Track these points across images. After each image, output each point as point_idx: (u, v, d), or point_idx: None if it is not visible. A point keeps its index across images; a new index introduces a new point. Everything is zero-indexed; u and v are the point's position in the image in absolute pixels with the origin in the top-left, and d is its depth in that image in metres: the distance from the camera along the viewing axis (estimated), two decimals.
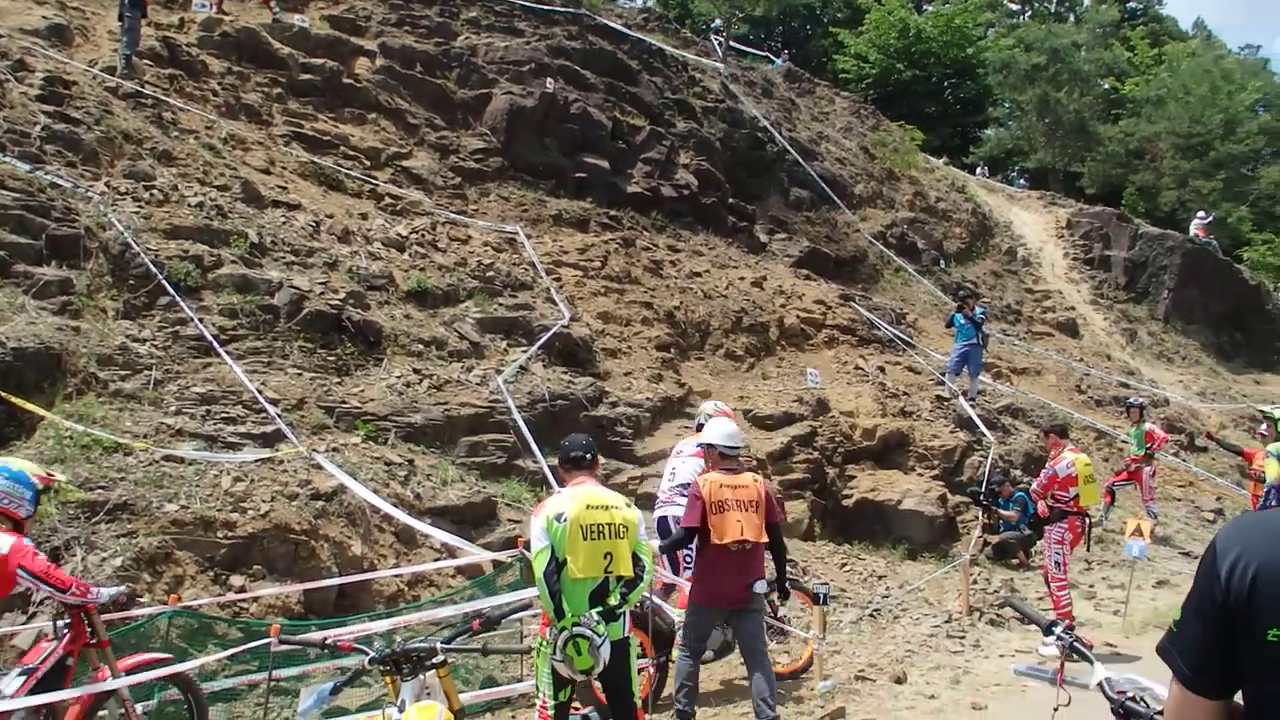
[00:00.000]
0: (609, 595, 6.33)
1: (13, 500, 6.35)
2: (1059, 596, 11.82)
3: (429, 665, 4.71)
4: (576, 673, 6.04)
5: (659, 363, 16.29)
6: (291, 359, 11.96)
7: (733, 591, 8.15)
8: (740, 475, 8.42)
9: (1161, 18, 65.31)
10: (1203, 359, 31.86)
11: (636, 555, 6.55)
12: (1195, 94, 48.31)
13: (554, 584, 6.15)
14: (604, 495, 6.65)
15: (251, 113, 16.88)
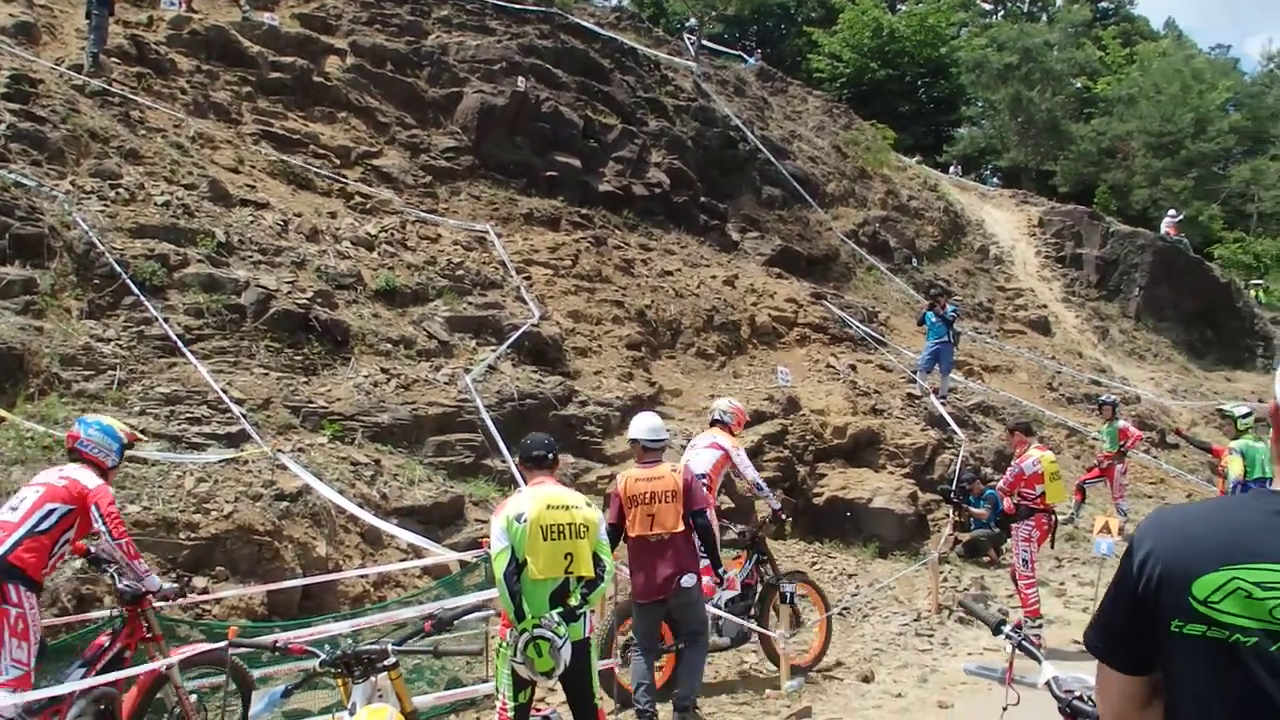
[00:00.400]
0: (570, 596, 6.32)
1: (102, 450, 7.12)
2: (1027, 594, 11.85)
3: (380, 667, 4.68)
4: (537, 674, 6.03)
5: (629, 361, 16.27)
6: (258, 359, 11.89)
7: (659, 582, 8.29)
8: (658, 467, 8.53)
9: (1133, 17, 65.73)
10: (1174, 356, 32.04)
11: (597, 555, 6.54)
12: (1166, 93, 48.65)
13: (514, 585, 6.13)
14: (564, 495, 6.64)
15: (220, 111, 16.78)
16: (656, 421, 8.95)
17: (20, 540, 6.49)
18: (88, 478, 6.87)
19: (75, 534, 6.85)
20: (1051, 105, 49.00)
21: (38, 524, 6.58)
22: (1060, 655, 11.62)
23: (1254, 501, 2.33)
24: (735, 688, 9.93)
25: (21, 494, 6.84)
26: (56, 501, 6.69)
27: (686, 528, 8.39)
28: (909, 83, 51.69)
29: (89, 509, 6.73)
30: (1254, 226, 51.57)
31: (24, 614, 6.39)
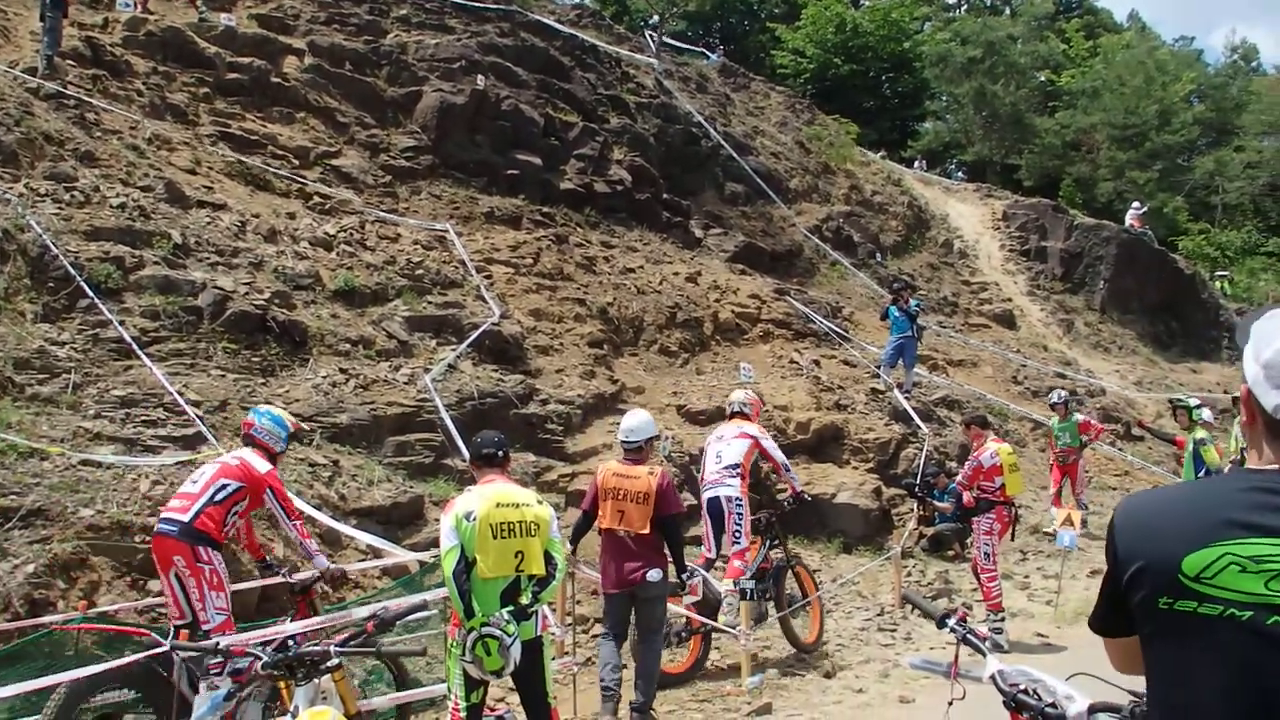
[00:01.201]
0: (520, 594, 6.29)
1: (271, 437, 8.19)
2: (989, 588, 11.90)
3: (323, 669, 4.65)
4: (486, 674, 6.00)
5: (591, 359, 16.26)
6: (215, 360, 11.82)
7: (623, 575, 8.44)
8: (636, 467, 8.62)
9: (1096, 10, 66.07)
10: (1139, 348, 32.21)
11: (550, 553, 6.52)
12: (1130, 85, 48.92)
13: (463, 583, 6.11)
14: (515, 493, 6.61)
15: (177, 113, 16.67)
16: (636, 421, 8.97)
17: (202, 508, 7.55)
18: (259, 462, 7.94)
19: (244, 509, 7.93)
20: (1015, 99, 49.25)
21: (214, 495, 7.63)
22: (1023, 648, 11.69)
23: (1232, 481, 2.37)
24: (696, 685, 9.92)
25: (201, 470, 7.98)
26: (229, 478, 7.74)
27: (655, 529, 8.46)
28: (873, 78, 51.83)
29: (262, 490, 7.85)
30: (1218, 218, 51.95)
31: (216, 569, 7.47)
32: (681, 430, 15.45)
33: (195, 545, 7.43)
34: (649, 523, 8.42)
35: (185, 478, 9.47)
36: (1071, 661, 11.01)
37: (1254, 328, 2.35)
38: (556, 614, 9.69)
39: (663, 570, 8.49)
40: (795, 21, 52.13)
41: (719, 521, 10.64)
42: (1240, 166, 50.39)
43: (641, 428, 8.87)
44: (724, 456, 10.81)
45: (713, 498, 10.70)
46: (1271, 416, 2.27)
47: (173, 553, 7.45)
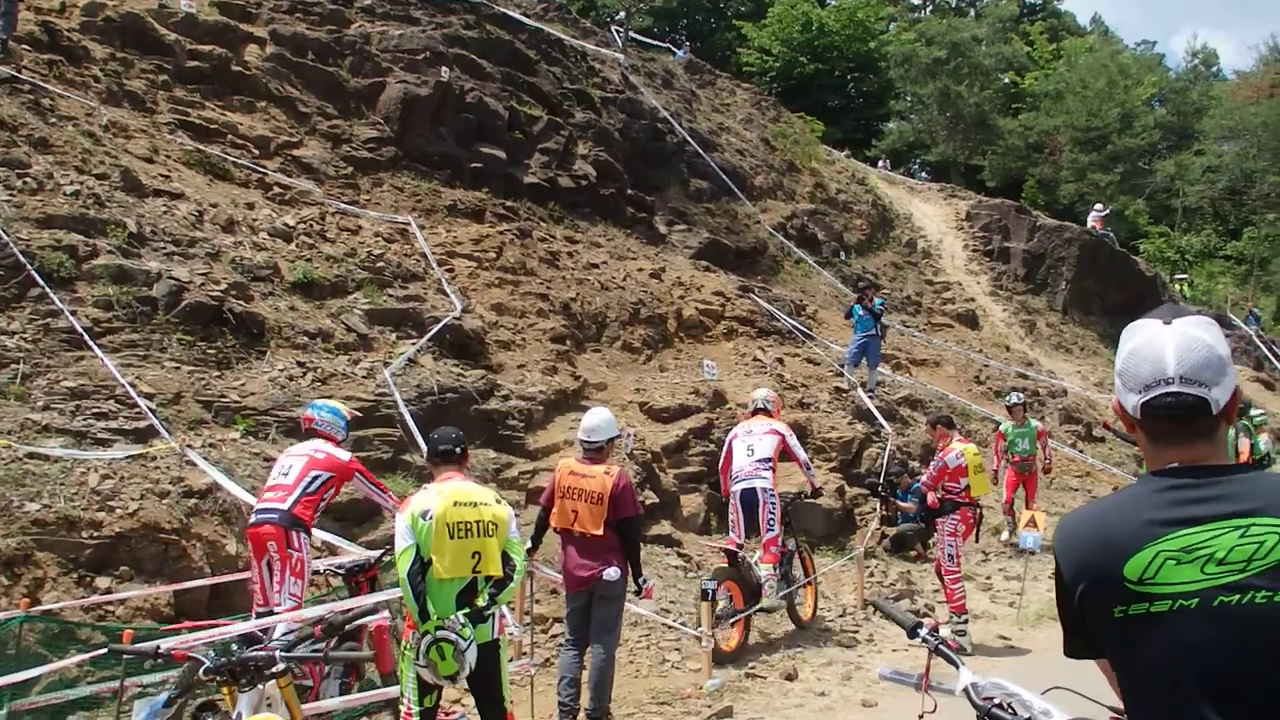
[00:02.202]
0: (477, 596, 6.14)
1: (333, 428, 8.70)
2: (953, 590, 11.84)
3: (268, 675, 4.49)
4: (440, 678, 5.85)
5: (554, 355, 16.11)
6: (169, 352, 11.57)
7: (579, 575, 8.32)
8: (593, 466, 8.46)
9: (1060, 13, 66.54)
10: (1100, 349, 32.35)
11: (508, 554, 6.37)
12: (1093, 88, 49.28)
13: (418, 585, 5.95)
14: (473, 491, 6.44)
15: (135, 100, 16.34)
16: (597, 420, 8.78)
17: (299, 498, 8.04)
18: (339, 451, 8.50)
19: (331, 495, 8.43)
20: (979, 100, 49.50)
21: (308, 486, 8.12)
22: (986, 651, 11.64)
23: (1144, 485, 2.48)
24: (656, 687, 9.80)
25: (285, 463, 8.34)
26: (319, 469, 8.22)
27: (610, 531, 8.31)
28: (838, 77, 51.99)
29: (350, 476, 8.44)
30: (1179, 221, 52.36)
31: (302, 557, 7.93)
32: (644, 428, 15.34)
33: (291, 530, 7.88)
34: (602, 524, 8.27)
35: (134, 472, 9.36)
36: (1035, 664, 11.04)
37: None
38: (515, 614, 9.56)
39: (621, 569, 8.34)
40: (761, 19, 52.22)
41: (751, 511, 11.41)
42: (1200, 170, 50.81)
43: (603, 427, 8.69)
44: (755, 450, 11.60)
45: (748, 489, 11.42)
46: (1134, 417, 2.49)
47: (269, 539, 7.87)
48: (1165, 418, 2.44)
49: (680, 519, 14.50)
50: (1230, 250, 51.32)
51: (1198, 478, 2.39)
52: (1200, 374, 2.41)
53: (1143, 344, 2.48)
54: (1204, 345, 2.43)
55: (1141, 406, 2.46)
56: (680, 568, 13.18)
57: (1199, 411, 2.42)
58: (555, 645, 9.14)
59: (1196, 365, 2.41)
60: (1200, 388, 2.41)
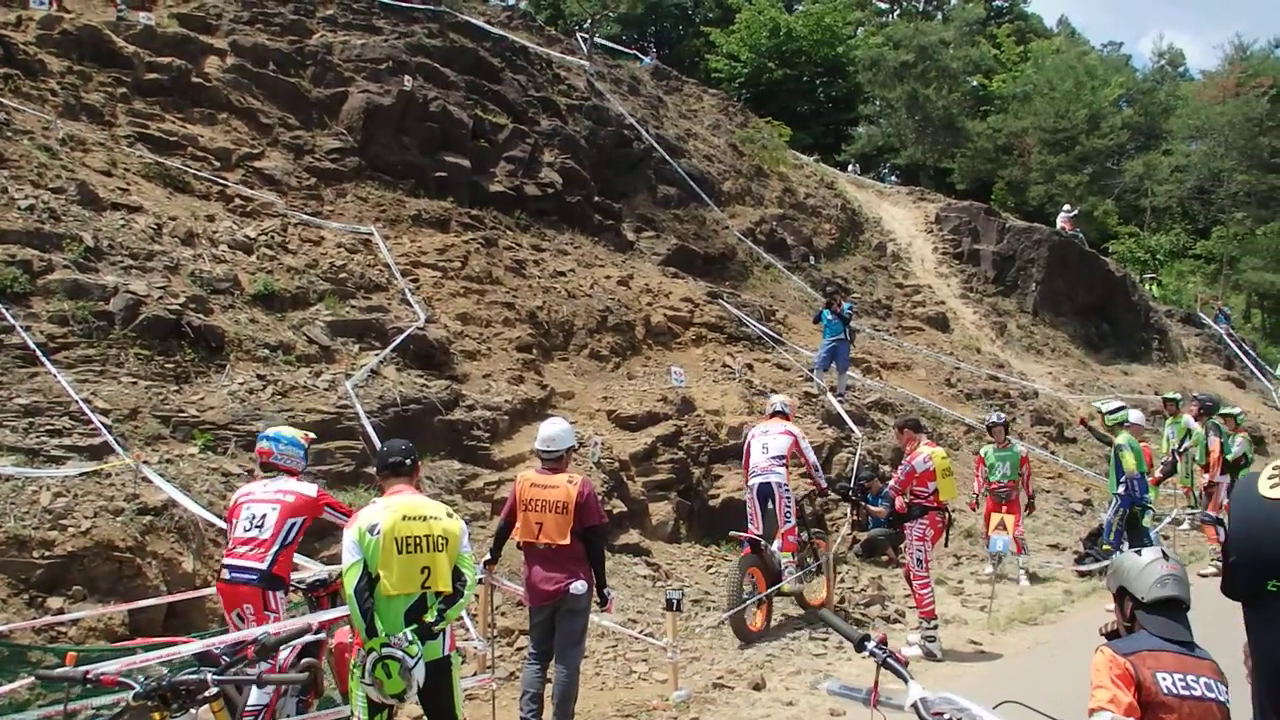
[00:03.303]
0: (426, 612, 6.02)
1: (293, 460, 8.17)
2: (922, 595, 11.76)
3: (200, 699, 4.37)
4: (387, 697, 5.72)
5: (520, 364, 15.99)
6: (126, 367, 11.42)
7: (544, 588, 8.17)
8: (554, 476, 8.32)
9: (1027, 15, 66.63)
10: (1071, 350, 32.44)
11: (458, 569, 6.25)
12: (1060, 90, 49.42)
13: (365, 601, 5.82)
14: (423, 505, 6.31)
15: (93, 113, 16.16)
16: (555, 430, 8.64)
17: (278, 554, 7.61)
18: (306, 487, 8.02)
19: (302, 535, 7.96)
20: (948, 103, 49.57)
21: (286, 538, 7.68)
22: (956, 656, 11.59)
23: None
24: (621, 699, 9.70)
25: (255, 511, 7.77)
26: (293, 516, 7.76)
27: (575, 540, 8.17)
28: (807, 82, 51.94)
29: (320, 512, 7.96)
30: (1148, 221, 52.59)
31: (279, 616, 7.51)
32: (612, 436, 15.25)
33: (269, 592, 7.53)
34: (569, 534, 8.12)
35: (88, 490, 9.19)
36: (1005, 669, 10.99)
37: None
38: (479, 627, 9.44)
39: (587, 582, 8.21)
40: (729, 26, 52.15)
41: (765, 503, 12.44)
42: (1168, 170, 51.03)
43: (560, 436, 8.57)
44: (770, 448, 12.64)
45: (764, 483, 12.44)
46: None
47: (245, 600, 7.53)
48: None
49: (649, 527, 14.41)
50: (1199, 249, 51.55)
51: None
52: None
53: None
54: None
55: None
56: (648, 577, 13.07)
57: None
58: (520, 659, 9.01)
59: None
60: None
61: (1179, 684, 4.16)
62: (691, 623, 11.81)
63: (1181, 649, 4.34)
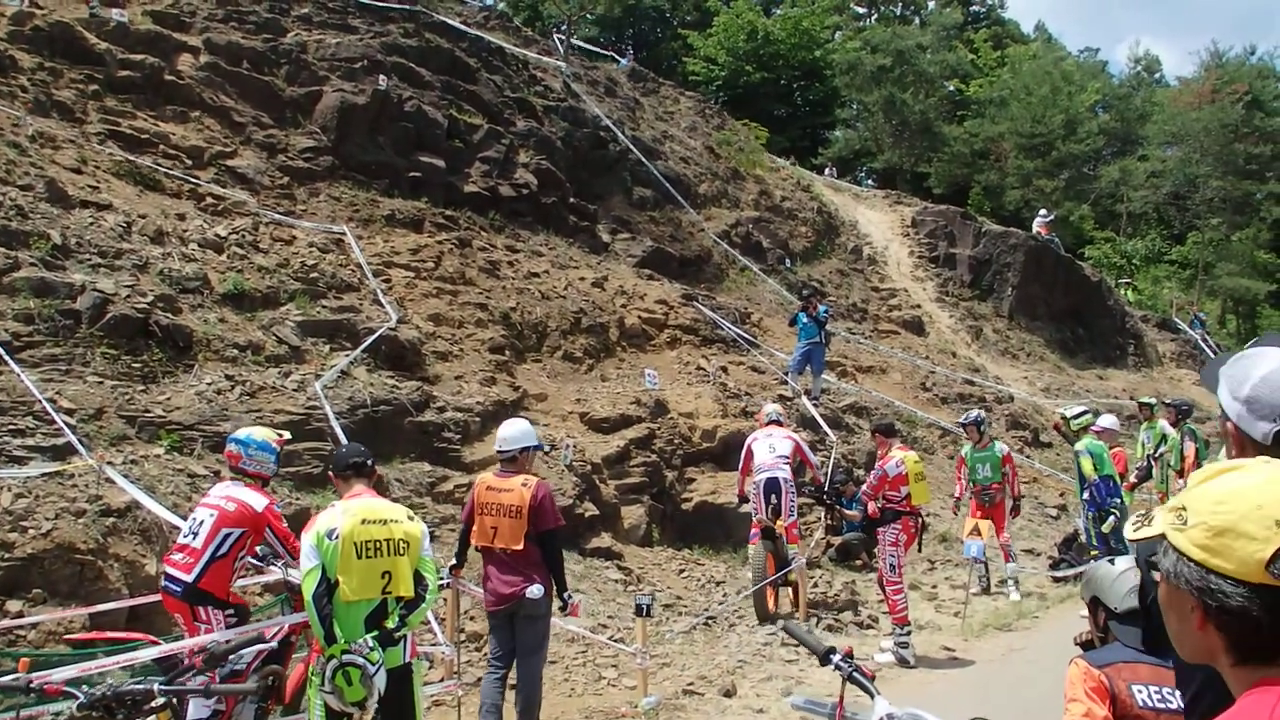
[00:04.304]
0: (387, 618, 5.93)
1: (263, 465, 7.81)
2: (895, 600, 11.72)
3: (147, 710, 4.27)
4: (347, 705, 5.62)
5: (493, 365, 15.90)
6: (92, 366, 11.27)
7: (501, 593, 8.04)
8: (510, 479, 8.17)
9: (1004, 21, 67.14)
10: (1046, 355, 32.53)
11: (420, 573, 6.16)
12: (1037, 95, 49.64)
13: (324, 607, 5.72)
14: (383, 508, 6.22)
15: (64, 110, 15.99)
16: (515, 430, 8.48)
17: (206, 567, 7.20)
18: (255, 499, 7.49)
19: (248, 550, 7.53)
20: (925, 107, 49.74)
21: (217, 550, 7.25)
22: (929, 663, 11.55)
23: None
24: (590, 706, 9.63)
25: (197, 517, 7.51)
26: (229, 526, 7.32)
27: (531, 544, 8.03)
28: (784, 85, 52.14)
29: (262, 530, 7.44)
30: (1124, 226, 52.86)
31: (211, 629, 7.14)
32: (585, 438, 15.18)
33: (196, 606, 7.23)
34: (522, 538, 7.97)
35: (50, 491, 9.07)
36: (978, 676, 10.96)
37: (1222, 372, 2.64)
38: (446, 632, 9.35)
39: (544, 586, 8.09)
40: (707, 29, 52.22)
41: (771, 494, 13.18)
42: (1144, 176, 51.31)
43: (518, 436, 8.40)
44: (776, 448, 13.46)
45: (771, 478, 13.19)
46: (1262, 443, 2.50)
47: (174, 610, 7.40)
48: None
49: (621, 531, 14.34)
50: (1175, 255, 51.90)
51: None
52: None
53: (1274, 372, 2.53)
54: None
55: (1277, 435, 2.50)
56: (620, 581, 12.99)
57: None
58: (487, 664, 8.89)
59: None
60: None
61: (1154, 697, 4.09)
62: (663, 628, 11.73)
63: (1157, 660, 4.28)
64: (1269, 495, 1.89)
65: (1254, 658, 1.90)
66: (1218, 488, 1.96)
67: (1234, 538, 1.87)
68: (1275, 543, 1.83)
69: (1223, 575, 1.88)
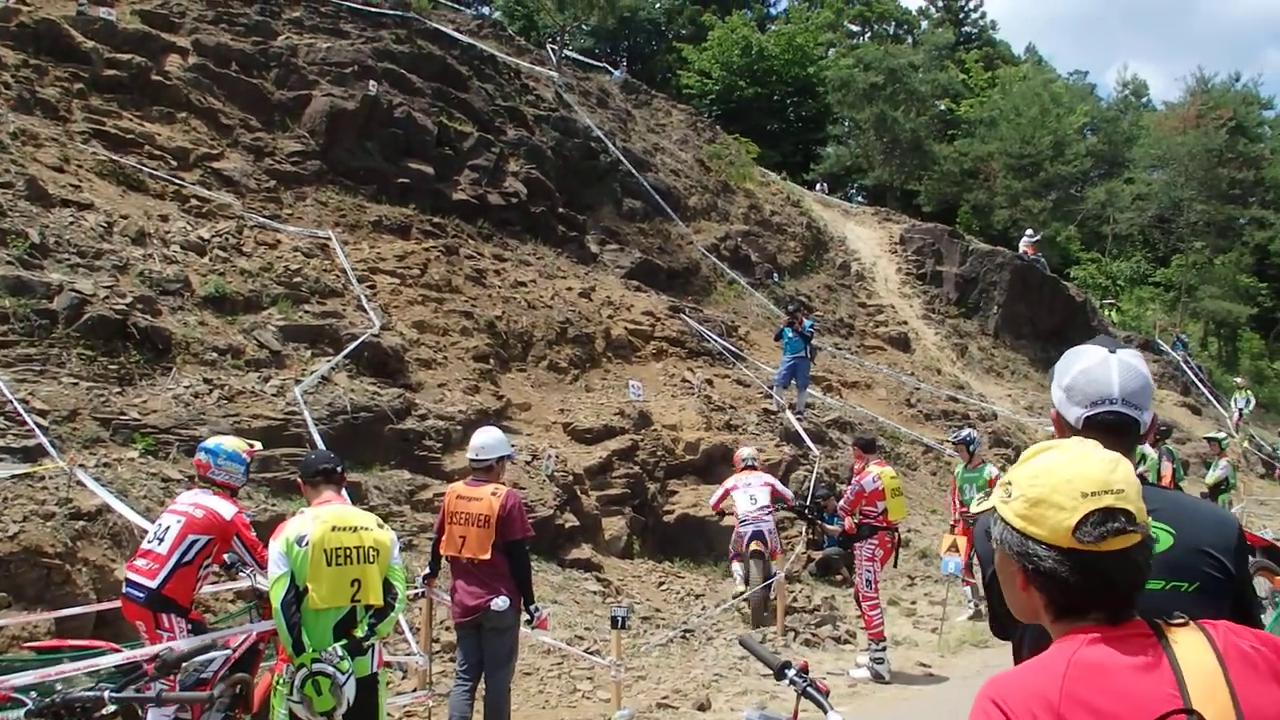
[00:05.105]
0: (356, 626, 5.81)
1: (232, 476, 7.75)
2: (871, 616, 11.64)
3: (97, 718, 4.15)
4: (315, 715, 5.50)
5: (477, 374, 15.77)
6: (68, 367, 11.13)
7: (467, 604, 7.94)
8: (480, 488, 8.05)
9: (995, 42, 67.43)
10: (1031, 373, 32.51)
11: (389, 582, 6.04)
12: (1026, 116, 49.72)
13: (292, 615, 5.60)
14: (353, 515, 6.10)
15: (48, 108, 15.84)
16: (489, 438, 8.35)
17: (171, 573, 7.12)
18: (224, 507, 7.43)
19: (214, 559, 7.45)
20: (916, 126, 49.78)
21: (183, 556, 7.17)
22: (905, 679, 11.46)
23: None
24: (563, 718, 9.50)
25: (163, 523, 7.43)
26: (196, 533, 7.25)
27: (498, 554, 7.91)
28: (777, 101, 52.20)
29: (229, 538, 7.36)
30: (1109, 248, 53.00)
31: (173, 638, 6.98)
32: (567, 448, 15.07)
33: (159, 613, 7.12)
34: (489, 548, 7.85)
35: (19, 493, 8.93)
36: (953, 692, 10.85)
37: (1057, 365, 3.12)
38: (421, 641, 9.22)
39: (510, 598, 7.94)
40: (702, 43, 52.31)
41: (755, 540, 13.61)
42: (1130, 198, 51.40)
43: (492, 445, 8.28)
44: (757, 499, 13.85)
45: (757, 530, 13.63)
46: (1074, 427, 2.92)
47: (136, 618, 7.25)
48: (1103, 430, 2.81)
49: (601, 542, 14.22)
50: (1159, 277, 52.02)
51: None
52: (1137, 398, 2.91)
53: (1092, 365, 2.96)
54: (1141, 375, 2.95)
55: (1085, 420, 2.91)
56: (599, 593, 12.88)
57: (1131, 429, 2.92)
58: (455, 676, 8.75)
59: (1135, 390, 2.91)
60: (1135, 410, 2.91)
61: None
62: (639, 640, 11.61)
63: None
64: (1076, 470, 2.19)
65: (1068, 614, 2.20)
66: (1035, 464, 2.28)
67: (1046, 508, 2.17)
68: (1080, 511, 2.12)
69: (1038, 541, 2.17)
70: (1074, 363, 3.02)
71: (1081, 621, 2.18)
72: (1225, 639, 2.15)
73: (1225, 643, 2.14)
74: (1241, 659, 2.12)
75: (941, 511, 18.45)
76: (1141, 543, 2.15)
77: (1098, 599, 2.16)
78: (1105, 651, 2.10)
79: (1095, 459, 2.22)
